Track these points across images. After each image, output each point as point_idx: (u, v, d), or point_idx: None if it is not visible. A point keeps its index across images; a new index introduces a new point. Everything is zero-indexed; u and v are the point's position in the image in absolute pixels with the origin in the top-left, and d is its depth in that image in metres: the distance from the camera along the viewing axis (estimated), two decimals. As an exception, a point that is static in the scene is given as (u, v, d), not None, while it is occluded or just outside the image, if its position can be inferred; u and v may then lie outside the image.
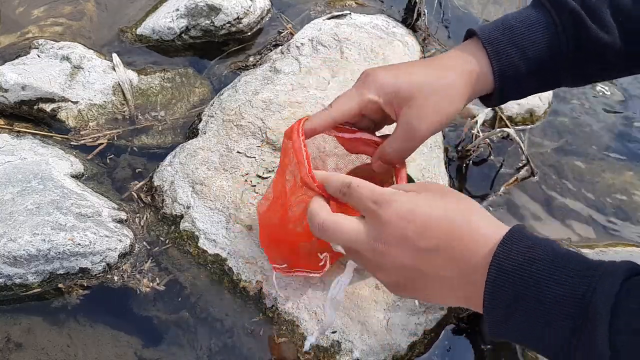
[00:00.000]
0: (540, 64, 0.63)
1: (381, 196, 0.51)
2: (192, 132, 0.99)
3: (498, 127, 1.01)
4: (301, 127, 0.62)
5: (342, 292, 0.62)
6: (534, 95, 0.70)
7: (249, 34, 1.19)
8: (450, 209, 0.49)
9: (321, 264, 0.68)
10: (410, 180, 0.68)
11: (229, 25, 1.15)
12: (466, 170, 0.98)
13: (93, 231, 0.79)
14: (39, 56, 1.06)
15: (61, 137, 0.98)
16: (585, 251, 0.83)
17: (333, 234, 0.52)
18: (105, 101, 1.02)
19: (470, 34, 0.66)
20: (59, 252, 0.76)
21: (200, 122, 0.98)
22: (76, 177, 0.91)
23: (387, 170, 0.67)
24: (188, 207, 0.85)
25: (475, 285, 0.46)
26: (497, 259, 0.45)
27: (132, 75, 1.07)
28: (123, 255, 0.81)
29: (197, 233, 0.83)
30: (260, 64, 1.09)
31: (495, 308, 0.45)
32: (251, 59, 1.14)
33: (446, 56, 0.65)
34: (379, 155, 0.65)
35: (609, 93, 1.12)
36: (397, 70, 0.64)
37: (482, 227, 0.48)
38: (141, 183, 0.92)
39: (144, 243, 0.84)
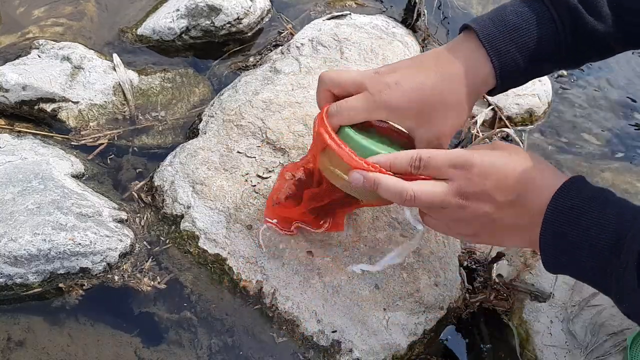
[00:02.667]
0: (540, 59, 0.65)
1: (458, 159, 0.57)
2: (192, 132, 1.00)
3: (497, 128, 1.01)
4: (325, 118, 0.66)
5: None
6: (533, 95, 0.74)
7: (249, 34, 1.19)
8: (524, 164, 0.56)
9: (322, 222, 0.76)
10: None
11: (229, 25, 1.16)
12: (466, 170, 0.98)
13: (94, 231, 0.79)
14: (39, 56, 1.06)
15: (62, 137, 0.98)
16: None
17: (423, 200, 0.58)
18: (105, 101, 1.03)
19: (466, 28, 0.66)
20: (60, 252, 0.77)
21: (200, 122, 0.99)
22: (77, 177, 0.91)
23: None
24: (188, 207, 0.86)
25: (539, 226, 0.54)
26: (551, 204, 0.54)
27: (132, 75, 1.08)
28: (123, 255, 0.81)
29: (197, 233, 0.83)
30: (261, 64, 1.10)
31: (547, 246, 0.54)
32: (251, 59, 1.14)
33: (446, 61, 0.65)
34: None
35: (608, 93, 1.12)
36: (402, 82, 0.64)
37: (547, 177, 0.56)
38: (142, 183, 0.92)
39: (145, 243, 0.85)
